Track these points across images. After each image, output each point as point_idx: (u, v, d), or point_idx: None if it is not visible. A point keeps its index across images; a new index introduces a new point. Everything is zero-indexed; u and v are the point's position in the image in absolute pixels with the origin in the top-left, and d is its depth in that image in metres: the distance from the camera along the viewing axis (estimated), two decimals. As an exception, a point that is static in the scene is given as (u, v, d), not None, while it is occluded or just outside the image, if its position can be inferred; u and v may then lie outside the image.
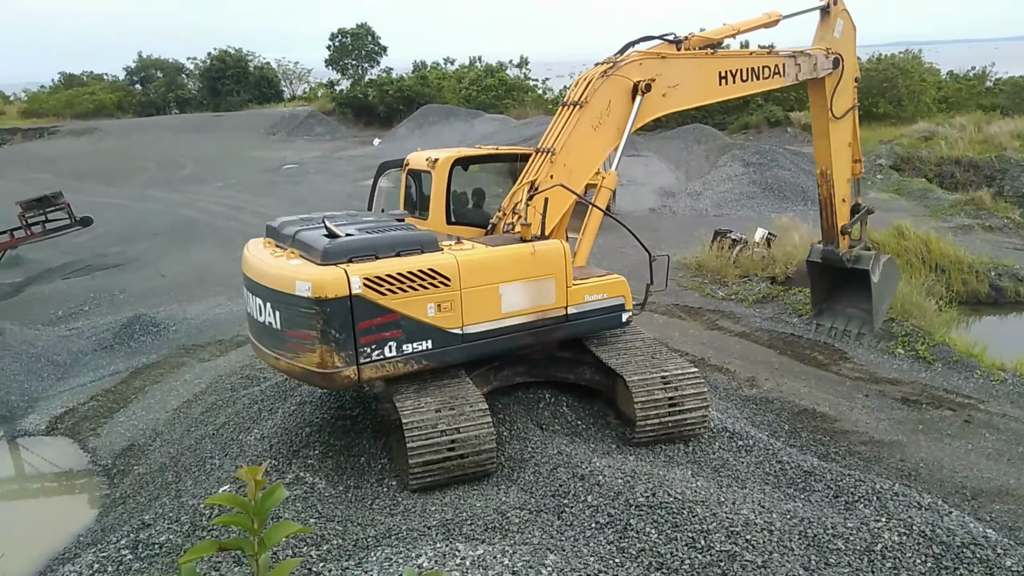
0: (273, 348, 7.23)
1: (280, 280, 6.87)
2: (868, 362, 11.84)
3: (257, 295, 7.30)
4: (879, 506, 6.73)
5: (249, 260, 7.62)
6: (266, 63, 63.78)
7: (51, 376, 13.30)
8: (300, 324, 6.74)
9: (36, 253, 20.85)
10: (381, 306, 6.80)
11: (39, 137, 49.42)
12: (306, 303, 6.61)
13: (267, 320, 7.14)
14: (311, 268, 6.78)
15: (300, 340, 6.79)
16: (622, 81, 8.70)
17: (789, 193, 26.10)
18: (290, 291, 6.70)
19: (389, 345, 6.94)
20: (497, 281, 7.45)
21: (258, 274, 7.29)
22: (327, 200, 26.24)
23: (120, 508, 8.77)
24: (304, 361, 6.81)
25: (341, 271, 6.67)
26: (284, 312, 6.88)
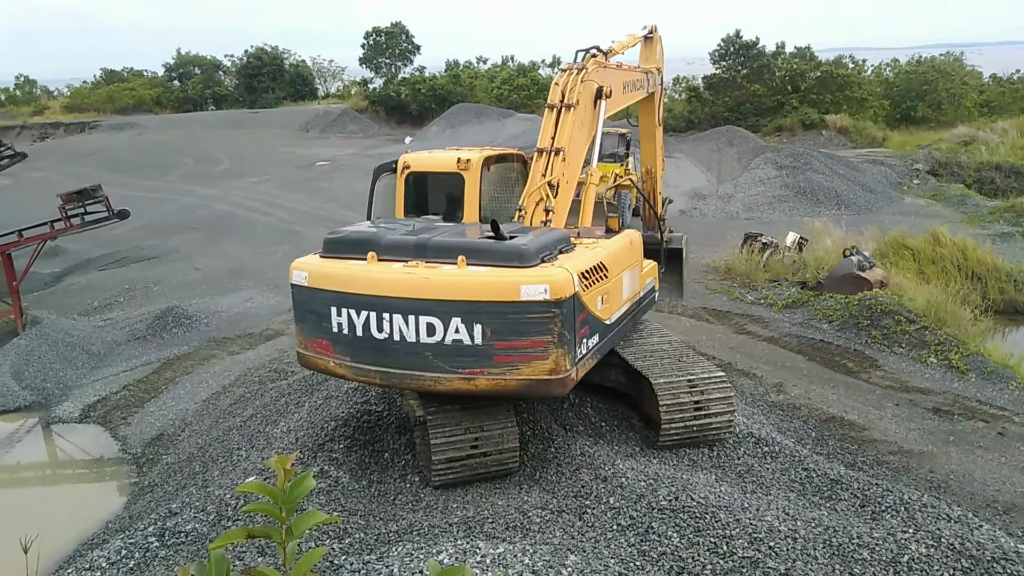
0: (462, 368, 6.47)
1: (490, 289, 6.33)
2: (899, 370, 11.63)
3: (424, 314, 6.44)
4: (907, 517, 6.61)
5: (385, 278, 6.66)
6: (301, 61, 64.55)
7: (85, 365, 13.61)
8: (528, 332, 6.32)
9: (75, 244, 21.35)
10: (583, 303, 6.67)
11: (80, 131, 50.55)
12: (539, 307, 6.25)
13: (447, 339, 6.42)
14: (528, 271, 6.37)
15: (526, 350, 6.37)
16: (592, 85, 9.07)
17: (823, 197, 25.74)
18: (511, 299, 6.26)
19: (584, 342, 6.81)
20: (622, 270, 7.87)
21: (428, 289, 6.44)
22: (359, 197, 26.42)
23: (148, 496, 8.94)
24: (527, 372, 6.40)
25: (565, 270, 6.43)
26: (495, 324, 6.32)
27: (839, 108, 40.66)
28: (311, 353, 7.16)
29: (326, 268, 7.00)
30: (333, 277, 6.88)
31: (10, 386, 12.32)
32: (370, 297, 6.62)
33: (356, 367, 6.86)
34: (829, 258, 15.56)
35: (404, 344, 6.50)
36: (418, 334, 6.44)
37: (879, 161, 31.02)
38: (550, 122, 8.91)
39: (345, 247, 7.10)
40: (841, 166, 28.76)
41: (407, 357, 6.53)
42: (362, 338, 6.68)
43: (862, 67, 45.94)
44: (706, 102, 43.03)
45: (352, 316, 6.69)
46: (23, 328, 14.34)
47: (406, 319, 6.46)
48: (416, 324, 6.43)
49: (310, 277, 7.00)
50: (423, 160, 9.11)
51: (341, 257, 7.06)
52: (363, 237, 7.12)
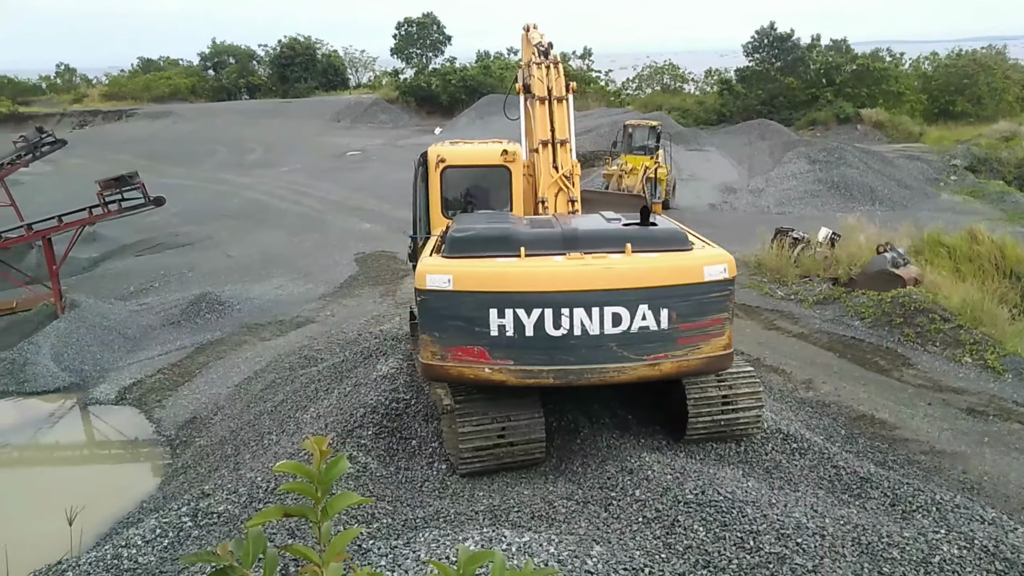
0: (648, 354, 6.54)
1: (678, 273, 6.50)
2: (933, 369, 11.44)
3: (612, 305, 6.39)
4: (938, 517, 6.52)
5: (566, 270, 6.50)
6: (333, 51, 65.01)
7: (122, 348, 13.92)
8: (709, 311, 6.57)
9: (112, 230, 21.81)
10: None
11: (118, 119, 51.49)
12: (719, 286, 6.56)
13: (633, 327, 6.43)
14: (699, 253, 6.76)
15: (706, 329, 6.58)
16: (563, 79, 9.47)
17: (856, 192, 25.33)
18: (696, 280, 6.48)
19: None
20: None
21: (616, 279, 6.42)
22: (389, 187, 26.62)
23: (181, 477, 9.14)
24: (708, 349, 6.65)
25: (724, 250, 6.87)
26: (680, 307, 6.46)
27: (875, 102, 39.94)
28: (451, 363, 6.59)
29: (477, 268, 6.50)
30: (490, 277, 6.44)
31: (50, 368, 12.65)
32: (547, 294, 6.36)
33: (523, 370, 6.50)
34: (862, 254, 15.31)
35: (586, 338, 6.35)
36: (602, 325, 6.33)
37: (915, 157, 30.44)
38: (544, 115, 9.06)
39: (481, 245, 6.72)
40: (876, 161, 28.26)
41: (588, 351, 6.40)
42: (533, 338, 6.38)
43: (899, 60, 45.08)
44: (738, 95, 42.52)
45: (520, 316, 6.35)
46: (62, 311, 14.69)
47: (589, 312, 6.31)
48: (600, 316, 6.31)
49: (456, 280, 6.42)
50: (461, 154, 8.88)
51: (478, 256, 6.64)
52: (501, 233, 6.84)
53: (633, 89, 52.30)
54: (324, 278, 17.59)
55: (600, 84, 50.60)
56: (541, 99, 9.18)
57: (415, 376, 9.13)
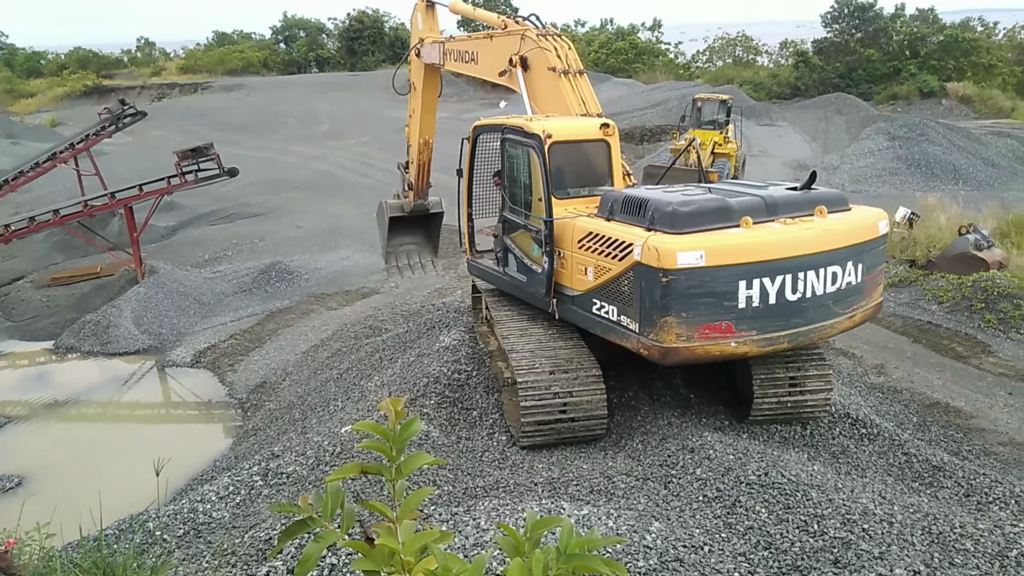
0: (847, 308, 7.00)
1: (865, 231, 7.09)
2: (1015, 357, 10.92)
3: (828, 265, 6.69)
4: (1018, 510, 6.27)
5: (797, 236, 6.65)
6: (401, 24, 65.27)
7: (197, 314, 14.48)
8: (879, 262, 7.41)
9: (188, 200, 22.60)
10: None
11: (194, 92, 53.08)
12: (882, 241, 7.34)
13: (843, 284, 6.82)
14: (867, 211, 7.45)
15: (876, 280, 7.39)
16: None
17: (938, 171, 24.19)
18: (874, 236, 7.16)
19: None
20: None
21: (826, 241, 6.70)
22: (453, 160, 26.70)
23: (252, 439, 9.51)
24: (876, 297, 7.44)
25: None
26: (869, 260, 7.12)
27: (963, 75, 37.91)
28: (697, 343, 6.48)
29: (732, 241, 6.46)
30: (744, 249, 6.42)
31: (131, 330, 13.27)
32: (784, 260, 6.50)
33: (764, 338, 6.58)
34: (942, 236, 14.64)
35: (814, 299, 6.70)
36: (825, 286, 6.74)
37: (1005, 133, 28.81)
38: (569, 89, 8.82)
39: (704, 218, 6.62)
40: (961, 138, 26.89)
41: (814, 311, 6.76)
42: (775, 305, 6.50)
43: (992, 30, 42.57)
44: (815, 68, 40.94)
45: (766, 285, 6.44)
46: (142, 277, 15.36)
47: (818, 273, 6.69)
48: (824, 276, 6.73)
49: (709, 255, 6.30)
50: (567, 129, 8.19)
51: (701, 230, 6.52)
52: (718, 205, 6.78)
53: (704, 62, 50.95)
54: (389, 250, 17.86)
55: (669, 57, 49.45)
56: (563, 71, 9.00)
57: (477, 348, 9.21)
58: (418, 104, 12.21)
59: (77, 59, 62.93)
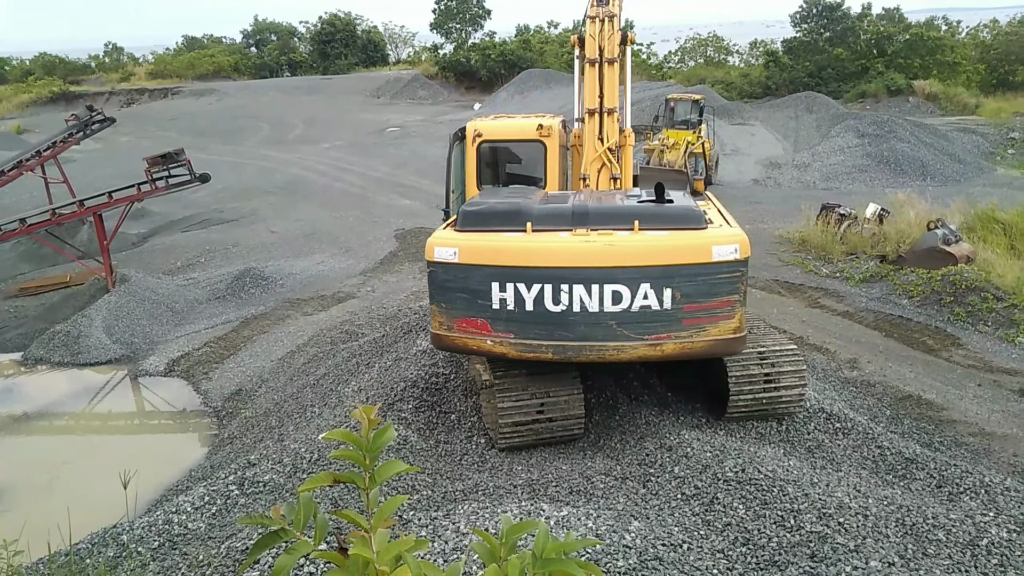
0: (652, 334, 6.41)
1: (686, 252, 6.31)
2: (983, 349, 11.13)
3: (613, 282, 6.33)
4: (987, 500, 6.38)
5: (567, 246, 6.47)
6: (373, 27, 65.13)
7: (170, 322, 14.28)
8: (718, 292, 6.35)
9: (159, 207, 22.30)
10: None
11: (164, 97, 52.45)
12: (730, 267, 6.31)
13: (634, 306, 6.33)
14: (711, 233, 6.48)
15: (714, 311, 6.39)
16: (618, 34, 8.78)
17: (907, 167, 24.60)
18: (704, 260, 6.28)
19: None
20: None
21: (620, 256, 6.35)
22: (428, 163, 26.68)
23: (228, 447, 9.39)
24: (716, 332, 6.43)
25: (740, 229, 6.55)
26: (686, 287, 6.31)
27: (928, 73, 38.59)
28: (458, 334, 6.70)
29: (481, 242, 6.53)
30: (494, 251, 6.47)
31: (102, 340, 13.05)
32: (544, 269, 6.34)
33: (523, 344, 6.52)
34: (911, 231, 14.90)
35: (584, 315, 6.31)
36: (602, 303, 6.27)
37: (970, 129, 29.39)
38: (593, 79, 8.56)
39: (489, 219, 6.70)
40: (928, 135, 27.38)
41: (587, 328, 6.34)
42: (532, 313, 6.39)
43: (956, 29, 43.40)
44: (784, 67, 41.45)
45: (521, 290, 6.37)
46: (113, 286, 15.11)
47: (588, 289, 6.26)
48: (600, 293, 6.25)
49: (462, 252, 6.50)
50: (498, 128, 8.82)
51: (488, 230, 6.64)
52: (512, 207, 6.77)
53: (675, 62, 51.34)
54: (364, 254, 17.78)
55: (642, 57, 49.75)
56: (591, 60, 8.58)
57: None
58: None
59: (43, 65, 61.91)
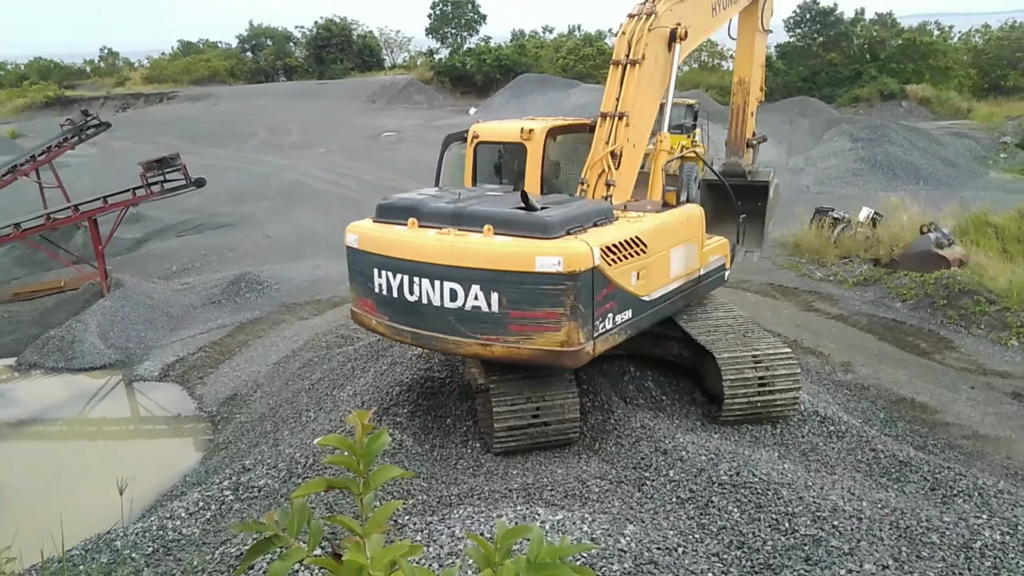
0: (482, 334, 6.55)
1: (508, 259, 6.34)
2: (977, 352, 11.18)
3: (447, 280, 6.58)
4: (980, 502, 6.41)
5: (415, 243, 6.86)
6: (369, 32, 65.16)
7: (165, 327, 14.25)
8: (542, 303, 6.29)
9: (154, 211, 22.26)
10: (608, 277, 6.56)
11: (159, 102, 52.38)
12: (554, 279, 6.20)
13: (470, 305, 6.51)
14: (546, 243, 6.33)
15: (539, 320, 6.34)
16: (663, 32, 8.39)
17: (900, 171, 24.70)
18: (527, 269, 6.24)
19: (608, 317, 6.71)
20: (670, 246, 7.60)
21: (451, 256, 6.58)
22: (424, 167, 26.67)
23: (223, 452, 9.37)
24: (542, 342, 6.38)
25: (584, 243, 6.34)
26: (513, 293, 6.34)
27: (921, 78, 38.77)
28: (359, 311, 7.66)
29: (373, 232, 7.33)
30: (377, 241, 7.23)
31: (96, 345, 13.02)
32: (404, 261, 6.89)
33: (392, 326, 7.21)
34: (905, 235, 14.97)
35: (431, 307, 6.74)
36: (442, 299, 6.65)
37: (963, 134, 29.54)
38: (615, 81, 8.36)
39: (393, 213, 7.36)
40: (921, 139, 27.50)
41: (433, 320, 6.78)
42: (397, 300, 7.00)
43: (948, 34, 43.64)
44: (778, 71, 41.58)
45: (390, 278, 7.03)
46: (108, 290, 15.07)
47: (433, 284, 6.70)
48: (441, 289, 6.64)
49: (360, 240, 7.40)
50: (491, 130, 9.12)
51: (390, 222, 7.34)
52: (409, 204, 7.34)
53: (670, 67, 51.39)
54: (360, 258, 17.74)
55: (636, 62, 49.88)
56: (616, 61, 8.35)
57: (450, 356, 9.20)
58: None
59: (37, 69, 61.76)
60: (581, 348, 6.39)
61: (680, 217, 7.87)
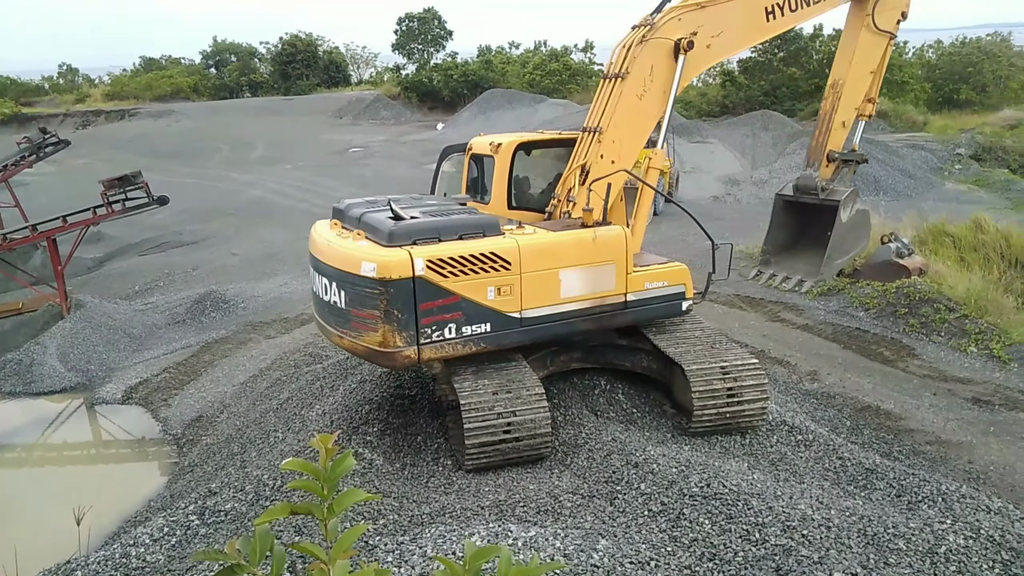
0: (338, 327, 7.36)
1: (347, 261, 7.01)
2: (938, 359, 11.42)
3: (323, 275, 7.43)
4: (944, 508, 6.52)
5: (316, 241, 7.77)
6: (335, 48, 64.98)
7: (127, 348, 13.96)
8: (365, 304, 6.90)
9: (116, 230, 21.87)
10: (443, 288, 6.92)
11: (121, 119, 51.56)
12: (371, 283, 6.76)
13: (332, 299, 7.31)
14: (377, 250, 6.93)
15: (364, 320, 6.96)
16: (663, 43, 8.18)
17: (860, 182, 25.13)
18: (356, 272, 6.86)
19: (449, 327, 7.07)
20: (557, 266, 7.49)
21: (325, 255, 7.42)
22: (391, 183, 26.64)
23: (188, 476, 9.17)
24: (367, 340, 7.00)
25: (405, 253, 6.82)
26: (349, 292, 7.02)
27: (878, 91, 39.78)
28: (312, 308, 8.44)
29: (313, 233, 8.05)
30: (311, 240, 8.02)
31: (56, 368, 12.70)
32: (315, 259, 7.70)
33: (320, 323, 8.01)
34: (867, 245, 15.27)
35: (322, 302, 7.62)
36: (327, 294, 7.44)
37: (919, 146, 30.30)
38: (601, 95, 8.33)
39: (337, 216, 8.16)
40: (879, 151, 28.13)
41: (326, 313, 7.60)
42: (317, 296, 7.79)
43: (903, 49, 44.76)
44: (741, 86, 42.35)
45: (315, 276, 7.76)
46: (68, 312, 14.74)
47: (323, 280, 7.50)
48: (326, 285, 7.41)
49: (310, 241, 8.09)
50: (479, 143, 9.37)
51: (333, 225, 8.06)
52: (340, 208, 8.11)
53: (635, 82, 52.00)
54: (328, 275, 17.59)
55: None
56: (604, 75, 8.33)
57: (420, 371, 9.16)
58: None
59: (-7, 86, 60.48)
60: (399, 351, 6.94)
61: (584, 238, 7.65)
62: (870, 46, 10.30)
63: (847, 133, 10.68)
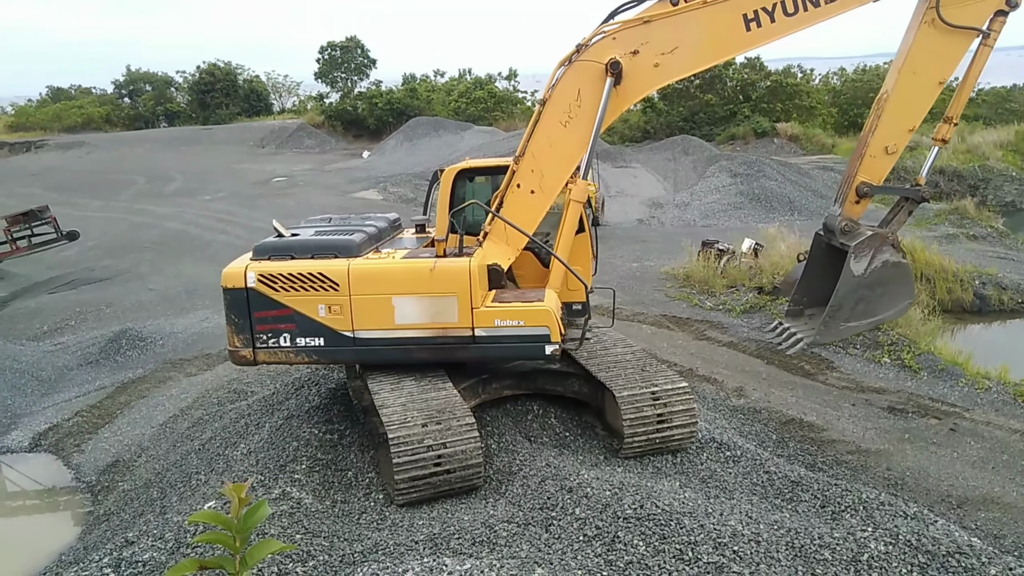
0: None
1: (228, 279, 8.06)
2: (854, 371, 11.89)
3: None
4: (865, 516, 6.75)
5: None
6: (255, 76, 63.84)
7: (35, 392, 13.17)
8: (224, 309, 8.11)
9: (22, 268, 20.70)
10: (275, 300, 7.81)
11: (27, 151, 49.17)
12: (223, 292, 7.99)
13: None
14: (239, 263, 8.06)
15: (225, 323, 8.18)
16: (590, 66, 7.67)
17: (776, 203, 26.26)
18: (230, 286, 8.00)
19: (284, 336, 7.92)
20: (389, 292, 7.72)
21: None
22: (316, 212, 26.13)
23: (104, 525, 8.67)
24: (226, 340, 8.23)
25: (241, 267, 7.92)
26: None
27: (789, 116, 41.61)
28: None
29: None
30: None
31: (-45, 417, 11.86)
32: None
33: None
34: (784, 263, 15.86)
35: None
36: None
37: (829, 167, 31.80)
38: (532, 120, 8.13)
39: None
40: (793, 173, 29.42)
41: None
42: None
43: (810, 76, 47.14)
44: (661, 112, 43.67)
45: None
46: (-32, 356, 13.83)
47: None
48: None
49: None
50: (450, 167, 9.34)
51: None
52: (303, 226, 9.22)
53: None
54: (252, 308, 17.08)
55: (527, 104, 51.14)
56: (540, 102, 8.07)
57: (350, 405, 8.97)
58: None
59: None
60: (237, 351, 8.12)
61: (420, 268, 7.61)
62: (934, 46, 8.46)
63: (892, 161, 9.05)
